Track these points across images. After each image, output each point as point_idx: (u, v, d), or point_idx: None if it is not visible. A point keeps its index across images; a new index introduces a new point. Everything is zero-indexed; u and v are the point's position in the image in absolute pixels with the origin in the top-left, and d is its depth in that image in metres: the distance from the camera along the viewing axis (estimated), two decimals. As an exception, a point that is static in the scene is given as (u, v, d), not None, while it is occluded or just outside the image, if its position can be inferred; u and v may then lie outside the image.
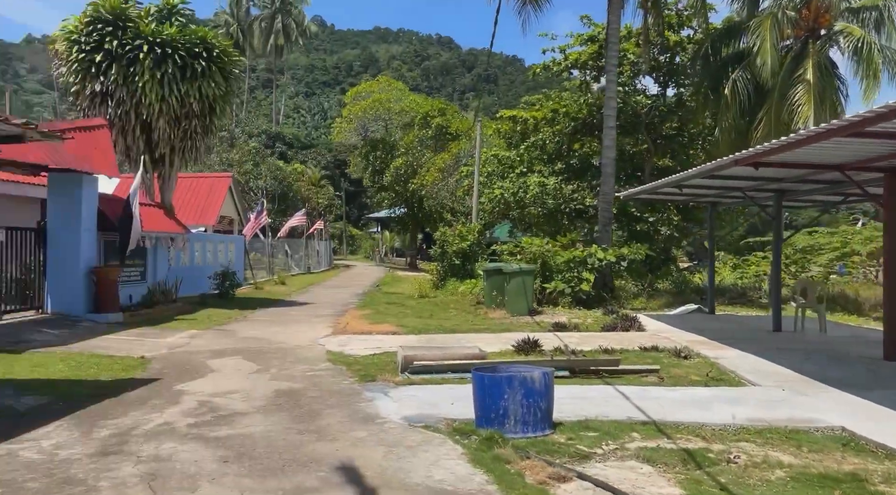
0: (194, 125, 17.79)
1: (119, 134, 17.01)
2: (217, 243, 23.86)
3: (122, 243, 14.37)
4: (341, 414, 6.94)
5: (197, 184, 29.40)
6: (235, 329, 14.25)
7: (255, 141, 55.97)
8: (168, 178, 18.33)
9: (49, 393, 7.58)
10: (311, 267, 39.59)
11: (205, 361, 10.11)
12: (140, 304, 15.81)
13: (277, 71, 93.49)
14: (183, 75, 16.95)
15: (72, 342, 11.31)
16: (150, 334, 12.78)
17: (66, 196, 13.61)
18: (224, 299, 20.13)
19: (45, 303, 13.64)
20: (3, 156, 10.34)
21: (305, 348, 11.64)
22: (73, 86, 16.72)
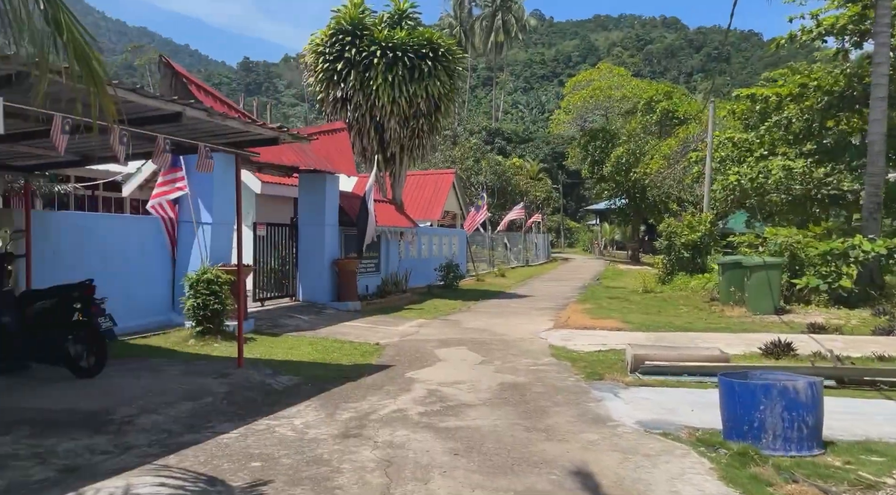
0: (421, 124, 18.62)
1: (356, 136, 18.37)
2: (442, 237, 24.86)
3: (359, 237, 15.47)
4: (569, 413, 6.61)
5: (423, 181, 30.96)
6: (460, 319, 14.60)
7: (475, 138, 57.72)
8: (398, 176, 19.45)
9: (300, 374, 8.26)
10: (529, 260, 39.77)
11: (432, 350, 10.41)
12: (374, 294, 16.93)
13: (497, 68, 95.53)
14: (412, 76, 17.79)
15: (318, 327, 12.38)
16: (383, 322, 13.57)
17: (312, 194, 14.97)
18: (448, 290, 20.88)
19: (297, 292, 15.16)
20: (262, 160, 11.58)
21: (527, 341, 11.50)
22: (319, 94, 18.41)
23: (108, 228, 10.06)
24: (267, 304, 14.10)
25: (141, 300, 10.53)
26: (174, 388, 6.90)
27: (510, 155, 59.71)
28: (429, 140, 19.32)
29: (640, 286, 20.95)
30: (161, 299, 11.14)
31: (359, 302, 15.25)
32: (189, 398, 6.63)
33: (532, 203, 46.25)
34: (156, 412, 6.10)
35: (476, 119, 75.79)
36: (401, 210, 19.20)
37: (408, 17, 19.23)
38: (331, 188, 15.05)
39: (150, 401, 6.36)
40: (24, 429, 5.34)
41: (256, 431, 5.83)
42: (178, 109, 6.05)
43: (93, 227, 9.74)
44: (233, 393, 6.99)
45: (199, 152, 6.89)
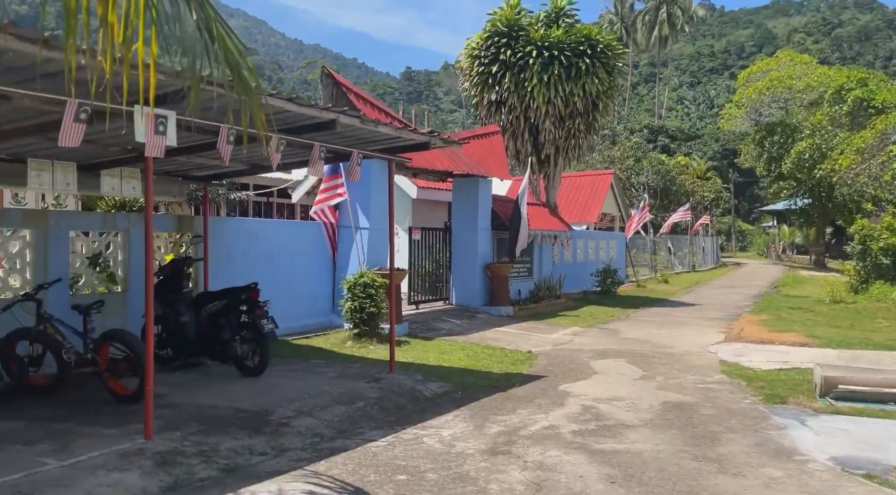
0: (577, 123, 17.99)
1: (510, 138, 18.14)
2: (598, 240, 23.95)
3: (511, 241, 15.21)
4: (746, 442, 5.83)
5: (579, 183, 30.08)
6: (618, 328, 13.83)
7: (636, 136, 55.38)
8: (553, 178, 18.95)
9: (450, 381, 8.13)
10: (695, 264, 37.32)
11: (587, 361, 9.86)
12: (527, 299, 16.58)
13: (661, 64, 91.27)
14: (568, 75, 17.25)
15: (470, 332, 12.27)
16: (535, 329, 13.18)
17: (465, 198, 14.94)
18: (606, 296, 20.00)
19: (451, 295, 15.20)
20: (416, 165, 11.68)
21: (694, 355, 10.56)
22: (474, 98, 18.42)
23: (275, 233, 10.64)
24: (421, 307, 14.27)
25: (304, 302, 11.02)
26: (328, 391, 7.02)
27: (675, 153, 56.58)
28: (585, 140, 18.63)
29: (827, 295, 18.73)
30: (322, 301, 11.59)
31: (511, 307, 14.99)
32: (342, 402, 6.71)
33: (699, 204, 43.40)
34: (310, 415, 6.21)
35: (637, 117, 72.77)
36: (555, 213, 18.69)
37: (565, 15, 18.68)
38: (483, 192, 14.93)
39: (305, 403, 6.51)
40: (192, 426, 5.64)
41: (404, 440, 5.73)
42: (332, 117, 6.13)
43: (261, 232, 10.34)
44: (383, 399, 6.99)
45: (351, 159, 6.97)
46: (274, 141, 6.12)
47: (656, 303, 19.50)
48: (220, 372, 7.69)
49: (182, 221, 8.99)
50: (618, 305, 18.15)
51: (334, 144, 7.03)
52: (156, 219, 8.59)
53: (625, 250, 27.01)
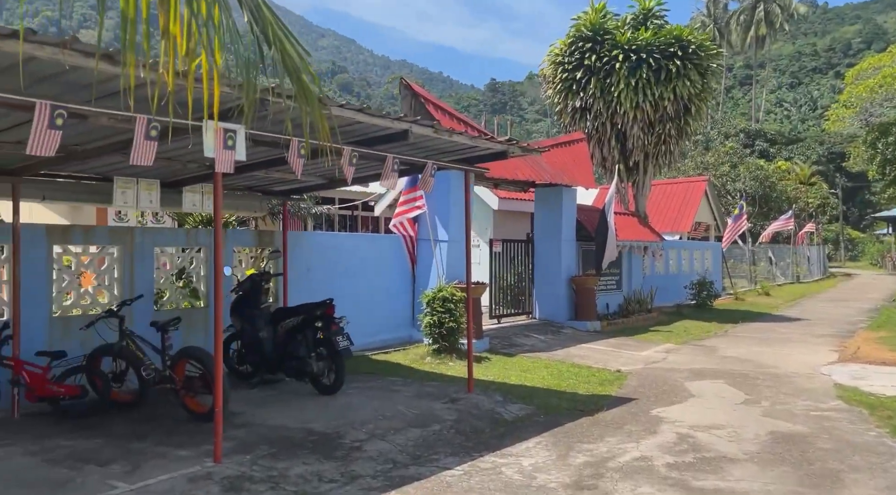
0: (668, 129, 17.12)
1: (595, 145, 17.49)
2: (692, 250, 22.74)
3: (598, 253, 14.56)
4: (874, 484, 5.09)
5: (670, 191, 28.79)
6: (715, 345, 12.91)
7: (731, 141, 52.84)
8: (642, 186, 18.11)
9: (532, 402, 7.68)
10: (799, 275, 34.95)
11: (682, 382, 9.15)
12: (615, 313, 15.83)
13: (757, 65, 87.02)
14: (657, 78, 16.46)
15: (555, 348, 11.75)
16: (625, 345, 12.48)
17: (548, 208, 14.43)
18: (701, 310, 18.88)
19: (534, 309, 14.70)
20: (496, 175, 11.33)
21: (804, 377, 9.61)
22: (557, 105, 17.90)
23: (354, 247, 10.55)
24: (503, 322, 13.85)
25: (384, 316, 10.87)
26: (403, 412, 6.75)
27: (774, 158, 53.55)
28: (677, 146, 17.71)
29: (955, 311, 16.90)
30: (402, 315, 11.40)
31: (598, 322, 14.31)
32: (417, 424, 6.41)
33: (802, 211, 40.76)
34: (383, 438, 5.95)
35: (732, 121, 69.46)
36: (644, 222, 17.83)
37: (654, 17, 17.89)
38: (567, 201, 14.39)
39: (379, 426, 6.26)
40: (263, 448, 5.49)
41: (481, 470, 5.35)
42: (404, 127, 5.89)
43: (340, 246, 10.27)
44: (460, 422, 6.64)
45: (425, 170, 6.71)
46: (346, 153, 5.94)
47: (757, 317, 18.21)
48: (295, 390, 7.58)
49: (262, 236, 9.03)
50: (714, 319, 17.06)
51: (408, 156, 6.80)
52: (236, 235, 8.67)
53: (721, 261, 25.57)
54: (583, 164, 14.96)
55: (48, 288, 6.78)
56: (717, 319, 17.19)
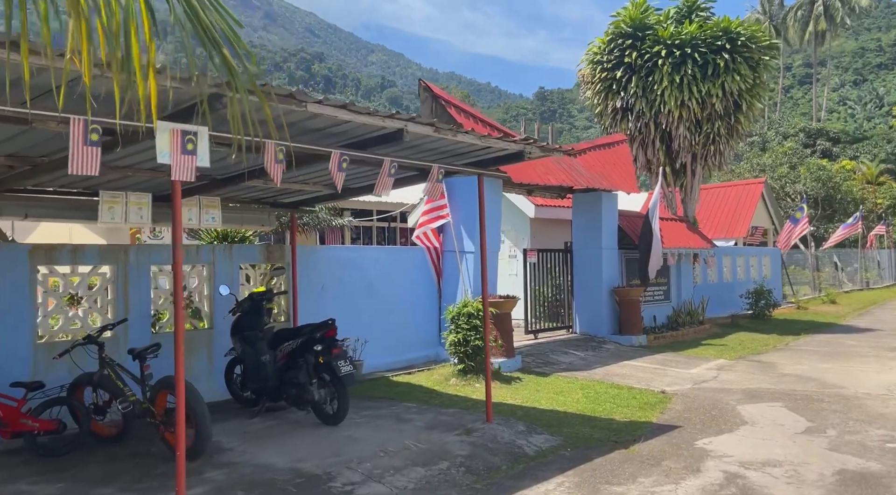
0: (717, 127, 15.99)
1: (639, 148, 16.49)
2: (748, 257, 21.34)
3: (642, 261, 13.56)
4: (969, 548, 4.10)
5: (724, 194, 27.33)
6: (774, 361, 11.75)
7: (790, 141, 50.39)
8: (690, 190, 16.97)
9: (560, 431, 6.86)
10: (869, 281, 32.74)
11: (734, 406, 8.15)
12: (663, 326, 14.76)
13: (818, 63, 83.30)
14: (704, 74, 15.38)
15: (594, 366, 10.84)
16: (672, 362, 11.46)
17: (587, 215, 13.54)
18: (758, 321, 17.56)
19: (574, 324, 13.79)
20: (526, 181, 10.56)
21: (878, 399, 8.47)
22: (597, 107, 16.99)
23: (374, 261, 9.93)
24: (540, 337, 12.99)
25: (407, 333, 10.21)
26: (410, 447, 6.03)
27: (838, 158, 50.80)
28: (727, 145, 16.52)
29: None
30: (428, 333, 10.72)
31: (643, 336, 13.30)
32: (422, 462, 5.68)
33: (871, 212, 38.36)
34: (381, 480, 5.24)
35: (791, 120, 66.45)
36: (694, 228, 16.68)
37: (699, 9, 16.83)
38: (607, 207, 13.46)
39: (378, 464, 5.55)
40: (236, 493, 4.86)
41: (487, 520, 4.59)
42: (398, 126, 5.23)
43: (358, 260, 9.66)
44: (473, 458, 5.88)
45: (431, 175, 6.02)
46: (335, 158, 5.31)
47: (822, 328, 16.79)
48: (299, 419, 6.95)
49: (271, 251, 8.49)
50: (773, 331, 15.76)
51: (414, 160, 6.12)
52: (240, 251, 8.15)
53: (780, 267, 24.00)
54: (624, 168, 14.02)
55: (31, 312, 6.36)
56: (777, 331, 15.89)
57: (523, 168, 10.72)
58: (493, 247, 10.67)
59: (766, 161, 40.51)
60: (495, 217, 10.75)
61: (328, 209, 11.81)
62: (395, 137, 5.26)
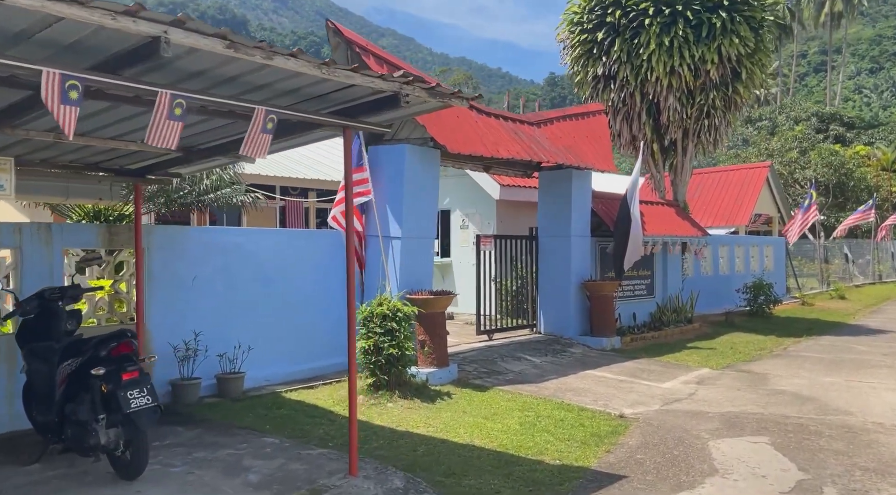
0: (712, 98, 13.95)
1: (623, 122, 14.49)
2: (749, 247, 19.35)
3: (617, 251, 11.65)
4: None
5: (725, 179, 25.25)
6: (767, 372, 9.85)
7: (801, 125, 48.01)
8: (681, 170, 14.96)
9: (455, 489, 5.00)
10: (882, 275, 30.65)
11: (706, 442, 6.27)
12: (644, 325, 12.86)
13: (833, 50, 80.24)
14: (697, 36, 13.33)
15: (548, 377, 8.98)
16: (645, 372, 9.57)
17: (554, 197, 11.63)
18: (756, 319, 15.64)
19: (538, 322, 11.91)
20: (458, 149, 8.65)
21: (893, 432, 6.57)
22: (576, 75, 14.96)
23: (272, 247, 8.03)
24: (496, 338, 11.13)
25: (317, 336, 8.33)
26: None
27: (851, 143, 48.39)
28: (723, 120, 14.48)
29: None
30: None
31: (617, 337, 11.42)
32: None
33: (885, 201, 36.16)
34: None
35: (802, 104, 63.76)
36: (684, 213, 14.71)
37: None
38: (578, 188, 11.53)
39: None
40: None
41: None
42: (153, 31, 3.30)
43: (248, 245, 7.76)
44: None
45: (253, 121, 4.11)
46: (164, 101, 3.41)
47: (828, 328, 14.85)
48: (88, 470, 5.00)
49: (113, 233, 6.62)
50: (772, 332, 13.85)
51: (225, 98, 4.18)
52: (65, 231, 6.27)
53: (785, 258, 22.00)
54: (599, 142, 12.06)
55: None
56: (776, 331, 13.97)
57: (465, 135, 8.81)
58: (423, 231, 8.80)
59: (775, 145, 38.31)
60: (430, 194, 8.89)
61: (245, 185, 9.87)
62: (150, 52, 3.36)
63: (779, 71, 75.20)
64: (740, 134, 56.84)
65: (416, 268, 8.66)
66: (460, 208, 14.59)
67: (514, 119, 10.41)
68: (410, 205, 8.54)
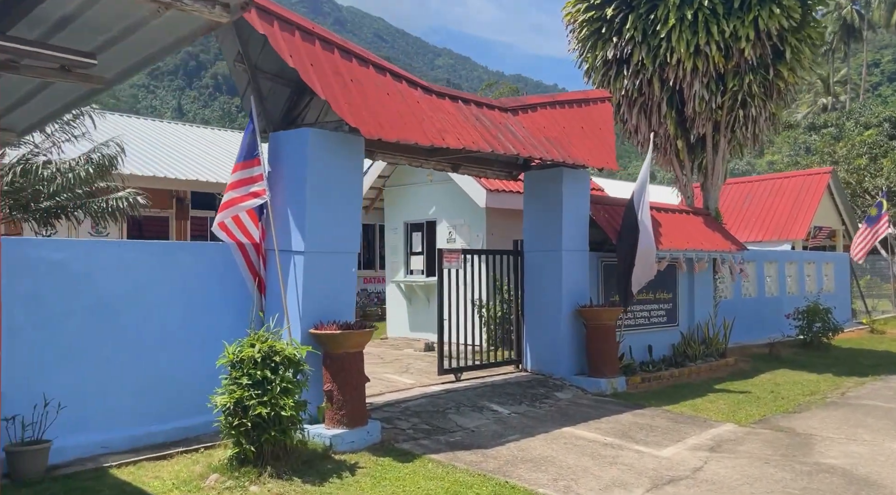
0: (747, 83, 11.45)
1: (639, 114, 12.12)
2: (802, 264, 16.52)
3: (623, 269, 9.32)
4: None
5: (779, 187, 22.30)
6: (813, 430, 7.34)
7: (872, 130, 43.89)
8: (711, 172, 12.42)
9: None
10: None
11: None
12: (664, 361, 10.44)
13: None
14: (728, 8, 10.94)
15: (508, 438, 6.75)
16: (643, 430, 7.20)
17: (543, 202, 9.42)
18: (810, 351, 12.93)
19: (524, 357, 9.66)
20: (388, 136, 6.59)
21: None
22: (585, 61, 12.67)
23: (115, 267, 6.03)
24: (466, 378, 8.93)
25: (185, 388, 6.26)
26: None
27: (929, 149, 43.88)
28: (763, 109, 11.92)
29: None
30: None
31: (620, 377, 9.08)
32: None
33: (967, 211, 32.06)
34: None
35: (874, 108, 58.97)
36: (716, 223, 12.16)
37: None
38: (572, 191, 9.29)
39: None
40: None
41: None
42: None
43: (74, 265, 5.74)
44: None
45: None
46: None
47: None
48: None
49: None
50: (828, 369, 11.20)
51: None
52: None
53: (849, 278, 18.95)
54: (601, 137, 9.78)
55: None
56: (834, 368, 11.29)
57: (396, 117, 6.75)
58: (337, 243, 6.75)
59: (841, 152, 34.69)
60: (348, 195, 6.83)
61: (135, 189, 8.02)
62: None
63: (847, 78, 70.22)
64: (802, 142, 52.87)
65: (327, 292, 6.60)
66: (447, 219, 12.49)
67: (479, 102, 8.28)
68: (317, 209, 6.50)
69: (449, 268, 8.82)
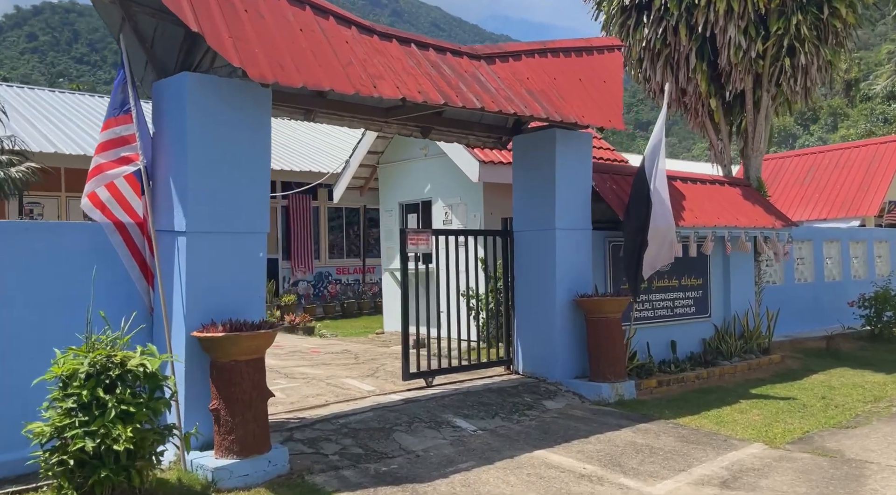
0: (795, 25, 9.42)
1: (664, 68, 10.22)
2: (872, 243, 14.21)
3: (630, 250, 7.62)
4: None
5: (846, 158, 19.77)
6: (866, 454, 5.55)
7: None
8: (752, 135, 10.41)
9: None
10: None
11: None
12: (690, 359, 8.70)
13: None
14: (768, -65, 8.98)
15: (456, 466, 5.25)
16: (641, 453, 5.55)
17: (532, 171, 7.82)
18: (877, 345, 10.90)
19: (515, 357, 8.09)
20: (303, 82, 5.13)
21: None
22: (601, 9, 10.85)
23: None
24: (440, 383, 7.45)
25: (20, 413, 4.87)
26: None
27: None
28: (816, 55, 9.84)
29: None
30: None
31: (628, 381, 7.42)
32: None
33: None
34: None
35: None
36: (758, 196, 10.18)
37: None
38: (568, 156, 7.64)
39: None
40: None
41: None
42: None
43: None
44: None
45: None
46: None
47: None
48: None
49: None
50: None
51: None
52: None
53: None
54: (603, 89, 8.05)
55: None
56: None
57: (313, 59, 5.29)
58: (233, 222, 5.33)
59: (920, 119, 31.29)
60: (247, 159, 5.40)
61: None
62: None
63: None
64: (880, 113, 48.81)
65: (221, 284, 5.22)
66: (442, 198, 10.98)
67: (441, 47, 6.71)
68: (204, 177, 5.12)
69: (416, 251, 7.32)
